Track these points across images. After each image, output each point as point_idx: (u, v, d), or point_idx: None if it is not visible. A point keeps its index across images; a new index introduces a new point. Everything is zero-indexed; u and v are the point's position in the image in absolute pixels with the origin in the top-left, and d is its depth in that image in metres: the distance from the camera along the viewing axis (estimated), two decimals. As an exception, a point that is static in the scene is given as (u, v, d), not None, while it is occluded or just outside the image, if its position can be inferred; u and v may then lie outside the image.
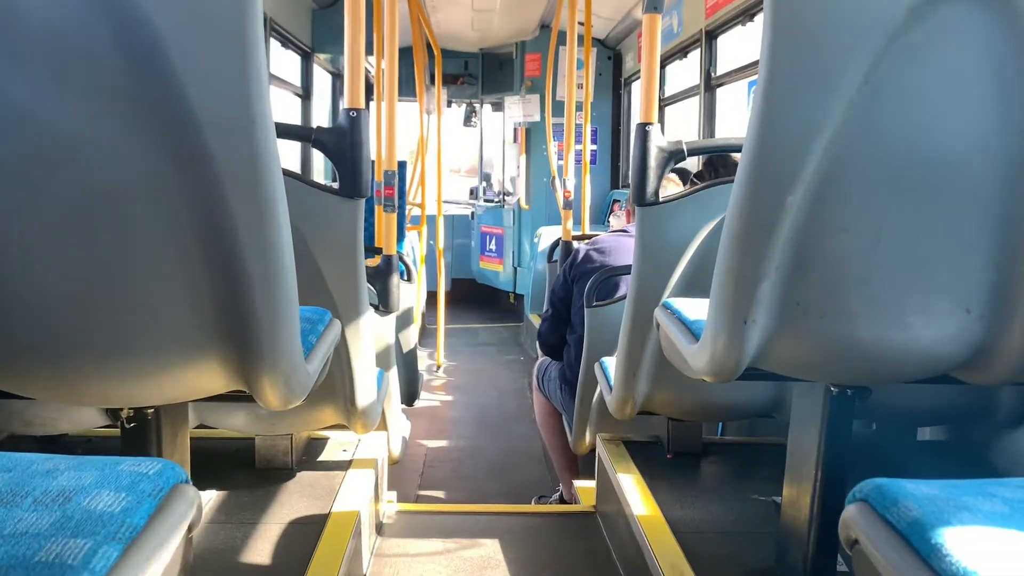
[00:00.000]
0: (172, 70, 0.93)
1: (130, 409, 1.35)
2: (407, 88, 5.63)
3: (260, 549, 1.79)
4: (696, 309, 1.54)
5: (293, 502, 2.03)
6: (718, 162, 2.60)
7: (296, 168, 5.52)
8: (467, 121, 8.19)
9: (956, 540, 0.76)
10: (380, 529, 2.28)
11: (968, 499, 0.84)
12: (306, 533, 1.87)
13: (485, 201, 8.13)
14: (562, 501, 3.20)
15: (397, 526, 2.33)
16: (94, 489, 0.78)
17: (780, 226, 1.15)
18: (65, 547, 0.68)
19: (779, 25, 1.09)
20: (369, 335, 1.91)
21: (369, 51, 4.21)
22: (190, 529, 0.85)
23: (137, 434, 1.37)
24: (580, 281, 2.89)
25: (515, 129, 7.56)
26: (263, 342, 1.08)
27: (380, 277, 2.44)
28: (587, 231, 4.36)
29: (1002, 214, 1.15)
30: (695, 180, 2.76)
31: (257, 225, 1.02)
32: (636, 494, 2.08)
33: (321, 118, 6.01)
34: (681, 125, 5.53)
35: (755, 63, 3.79)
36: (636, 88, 6.63)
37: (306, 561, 1.73)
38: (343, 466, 2.26)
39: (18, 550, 0.68)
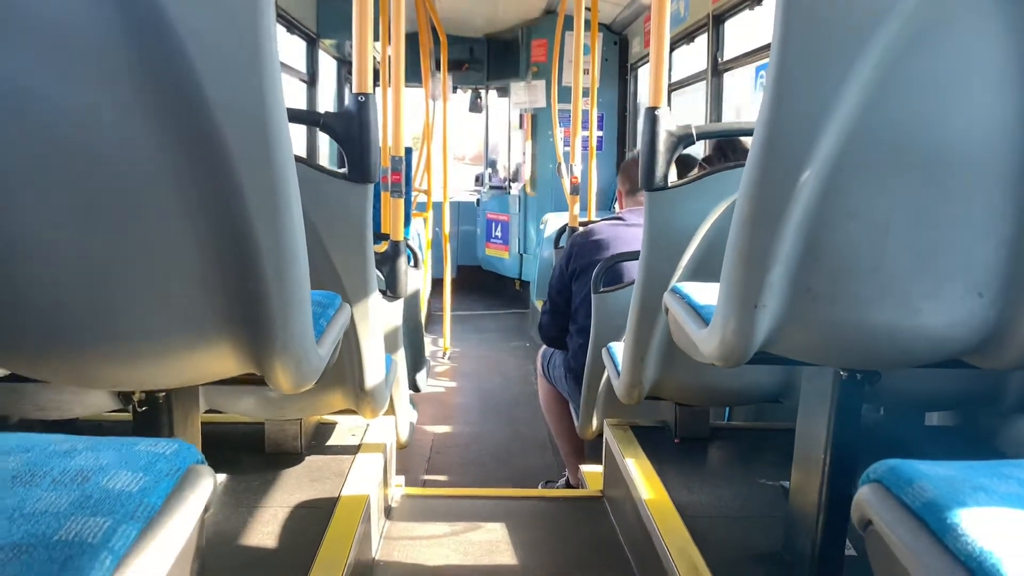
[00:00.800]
0: (184, 54, 0.93)
1: (142, 393, 1.36)
2: (412, 74, 5.61)
3: (270, 533, 1.81)
4: (705, 294, 1.54)
5: (302, 486, 2.05)
6: (727, 147, 2.59)
7: (302, 154, 5.51)
8: (473, 107, 8.16)
9: (972, 520, 0.76)
10: (389, 513, 2.30)
11: (983, 480, 0.84)
12: (316, 517, 1.88)
13: (491, 187, 8.12)
14: (568, 486, 3.22)
15: (405, 510, 2.34)
16: (112, 469, 0.79)
17: (791, 211, 1.15)
18: (85, 526, 0.69)
19: (791, 7, 1.08)
20: (378, 320, 1.92)
21: (375, 37, 4.19)
22: (206, 509, 0.86)
23: (149, 418, 1.37)
24: (580, 277, 2.88)
25: (521, 115, 7.54)
26: (275, 325, 1.08)
27: (387, 262, 2.45)
28: (593, 217, 4.35)
29: (1014, 198, 1.15)
30: (703, 165, 2.75)
31: (269, 209, 1.02)
32: (644, 478, 2.09)
33: (326, 104, 6.00)
34: (684, 111, 5.50)
35: (762, 48, 3.76)
36: (642, 73, 6.60)
37: (316, 544, 1.74)
38: (352, 450, 2.27)
39: (38, 529, 0.68)
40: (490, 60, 7.64)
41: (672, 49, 5.12)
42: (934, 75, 1.10)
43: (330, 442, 2.34)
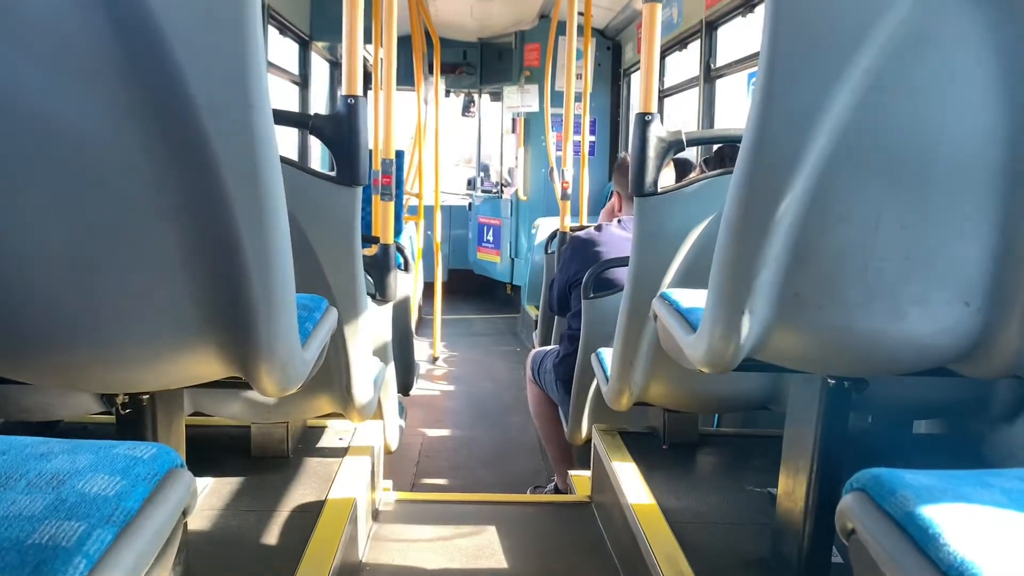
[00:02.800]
0: (170, 54, 0.92)
1: (125, 395, 1.35)
2: (405, 77, 5.61)
3: (256, 536, 1.79)
4: (694, 300, 1.54)
5: (289, 489, 2.03)
6: (727, 152, 2.58)
7: (293, 156, 5.50)
8: (465, 111, 8.16)
9: (953, 529, 0.76)
10: (376, 516, 2.29)
11: (966, 489, 0.84)
12: (302, 520, 1.87)
13: (483, 192, 8.12)
14: (557, 491, 3.21)
15: (393, 514, 2.33)
16: (88, 472, 0.78)
17: (779, 216, 1.15)
18: (59, 530, 0.68)
19: (781, 12, 1.08)
20: (366, 324, 1.91)
21: (368, 39, 4.18)
22: (185, 514, 0.85)
23: (132, 420, 1.36)
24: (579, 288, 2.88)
25: (513, 119, 7.54)
26: (260, 328, 1.07)
27: (377, 266, 2.44)
28: (585, 222, 4.36)
29: (1003, 206, 1.15)
30: (703, 167, 2.74)
31: (254, 211, 1.02)
32: (632, 484, 2.08)
33: (319, 107, 5.99)
34: (678, 117, 5.52)
35: (755, 55, 3.77)
36: (635, 79, 6.61)
37: (302, 547, 1.73)
38: (339, 454, 2.26)
39: (11, 532, 0.67)
40: (483, 64, 7.63)
41: (665, 55, 5.13)
42: (922, 81, 1.10)
43: (317, 446, 2.33)
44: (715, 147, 2.85)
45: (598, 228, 2.90)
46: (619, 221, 2.89)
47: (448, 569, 2.03)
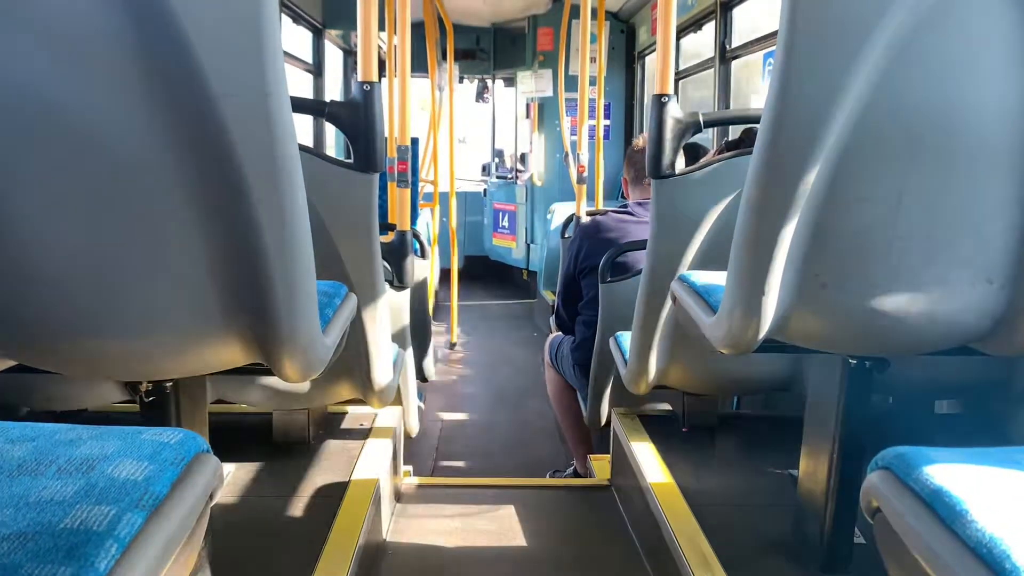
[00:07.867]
0: (187, 43, 0.92)
1: (149, 383, 1.36)
2: (419, 64, 5.60)
3: (281, 520, 1.81)
4: (713, 281, 1.53)
5: (312, 473, 2.05)
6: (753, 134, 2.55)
7: (308, 144, 5.50)
8: (479, 97, 8.13)
9: (980, 506, 0.75)
10: (398, 500, 2.31)
11: (992, 466, 0.84)
12: (326, 503, 1.89)
13: (498, 177, 8.10)
14: (576, 475, 3.21)
15: (414, 498, 2.35)
16: (117, 458, 0.79)
17: (799, 197, 1.14)
18: (90, 514, 0.69)
19: None
20: (384, 310, 1.92)
21: (381, 26, 4.17)
22: (211, 498, 0.86)
23: (156, 408, 1.38)
24: (589, 275, 2.87)
25: (528, 104, 7.51)
26: (281, 315, 1.08)
27: (394, 253, 2.44)
28: (601, 207, 4.34)
29: None
30: (723, 151, 2.72)
31: (274, 198, 1.02)
32: (652, 467, 2.09)
33: (333, 95, 5.99)
34: (695, 99, 5.48)
35: (771, 35, 3.74)
36: (649, 62, 6.56)
37: (327, 529, 1.75)
38: (360, 438, 2.28)
39: (44, 517, 0.68)
40: (496, 49, 7.59)
41: (679, 37, 5.09)
42: (944, 57, 1.09)
43: (339, 431, 2.34)
44: (733, 129, 2.82)
45: (603, 214, 2.90)
46: (623, 206, 2.89)
47: (470, 551, 2.04)
